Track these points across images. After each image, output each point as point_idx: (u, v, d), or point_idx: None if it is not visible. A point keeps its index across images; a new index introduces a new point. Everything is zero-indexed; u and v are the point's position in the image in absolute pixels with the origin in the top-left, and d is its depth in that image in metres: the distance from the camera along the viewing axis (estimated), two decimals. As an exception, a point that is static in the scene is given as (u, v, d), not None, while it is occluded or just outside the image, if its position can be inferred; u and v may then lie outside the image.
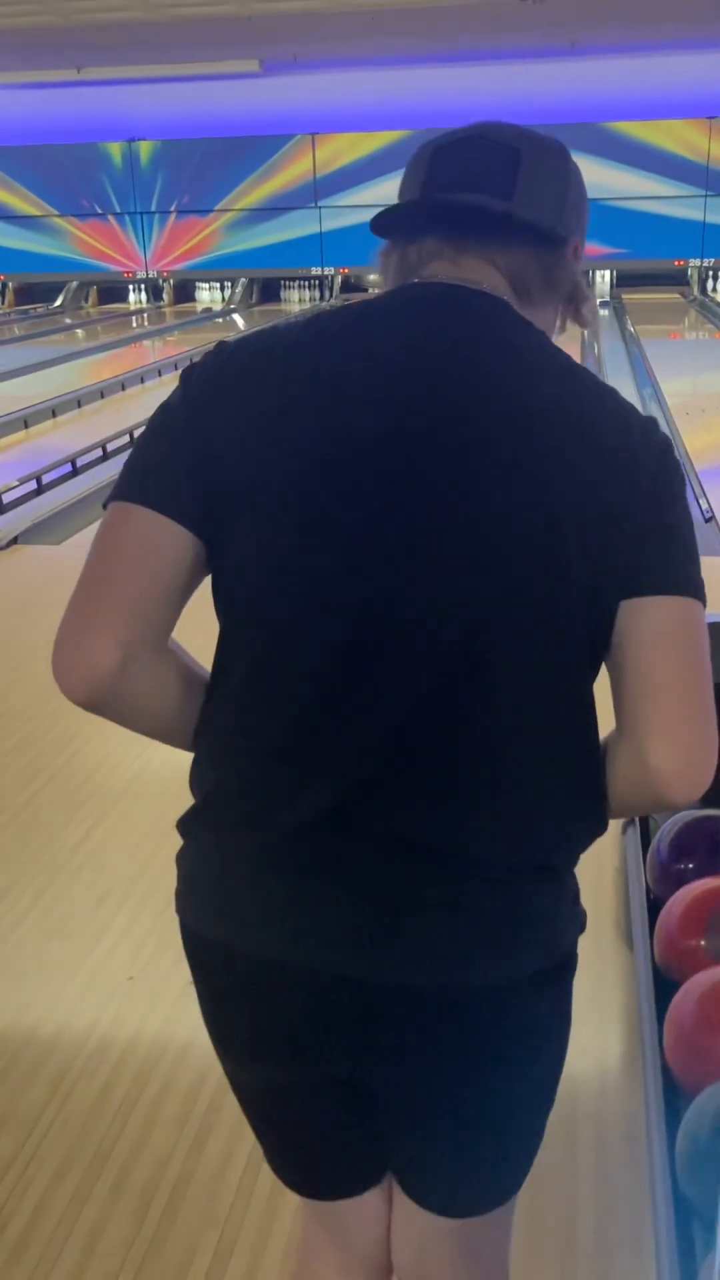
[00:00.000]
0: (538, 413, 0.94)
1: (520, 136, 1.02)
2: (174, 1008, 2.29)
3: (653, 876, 1.90)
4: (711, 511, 5.68)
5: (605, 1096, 2.03)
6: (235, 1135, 1.97)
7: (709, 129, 16.43)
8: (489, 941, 0.97)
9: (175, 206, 18.08)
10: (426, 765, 0.94)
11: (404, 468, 0.93)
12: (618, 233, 16.82)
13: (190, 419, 0.97)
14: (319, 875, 0.95)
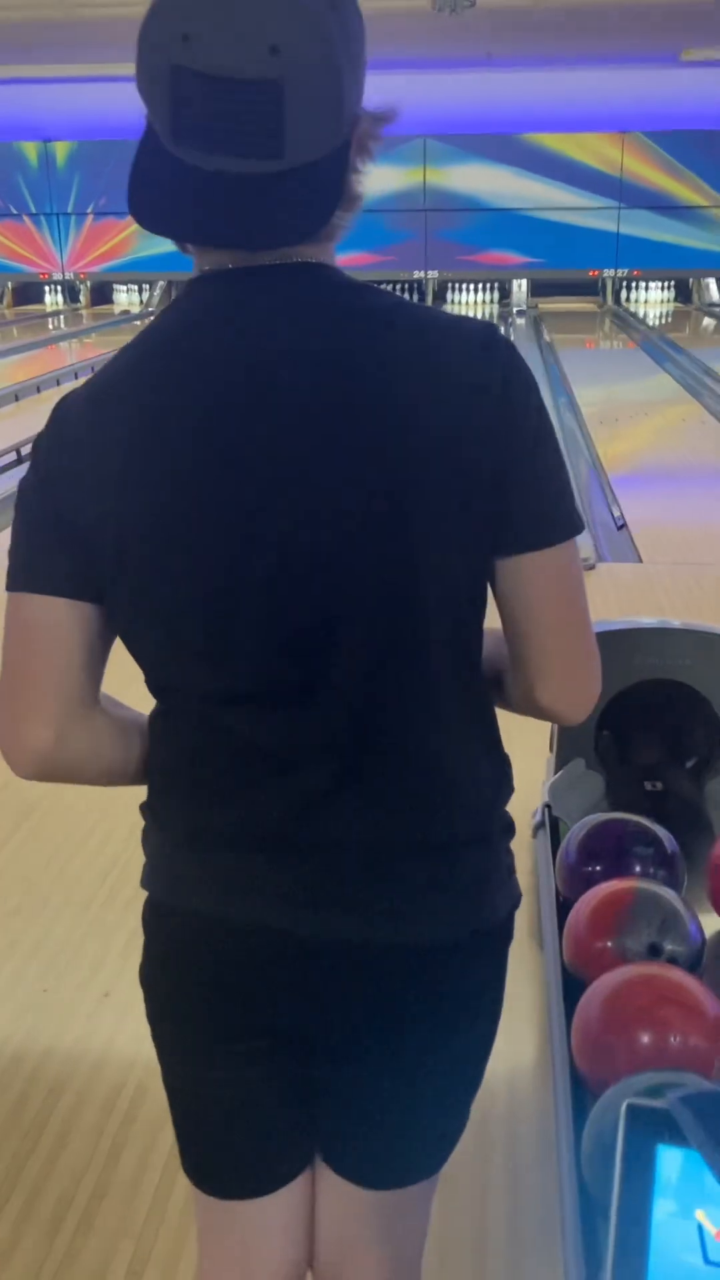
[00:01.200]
0: (367, 398, 0.93)
1: (274, 48, 0.85)
2: (90, 1019, 2.28)
3: (562, 879, 1.94)
4: (623, 519, 5.80)
5: (516, 1096, 2.07)
6: (150, 1146, 1.97)
7: (621, 143, 16.77)
8: (422, 904, 1.03)
9: (93, 208, 17.89)
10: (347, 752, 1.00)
11: (251, 480, 0.94)
12: (534, 242, 17.07)
13: (43, 499, 0.98)
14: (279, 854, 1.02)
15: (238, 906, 1.04)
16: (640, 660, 2.40)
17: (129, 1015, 2.28)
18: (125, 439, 0.95)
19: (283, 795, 1.01)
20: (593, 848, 1.96)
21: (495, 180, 16.87)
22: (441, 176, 16.95)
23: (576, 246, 17.10)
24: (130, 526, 0.95)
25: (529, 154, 16.79)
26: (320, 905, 1.02)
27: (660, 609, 4.43)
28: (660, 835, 1.96)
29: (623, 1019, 1.49)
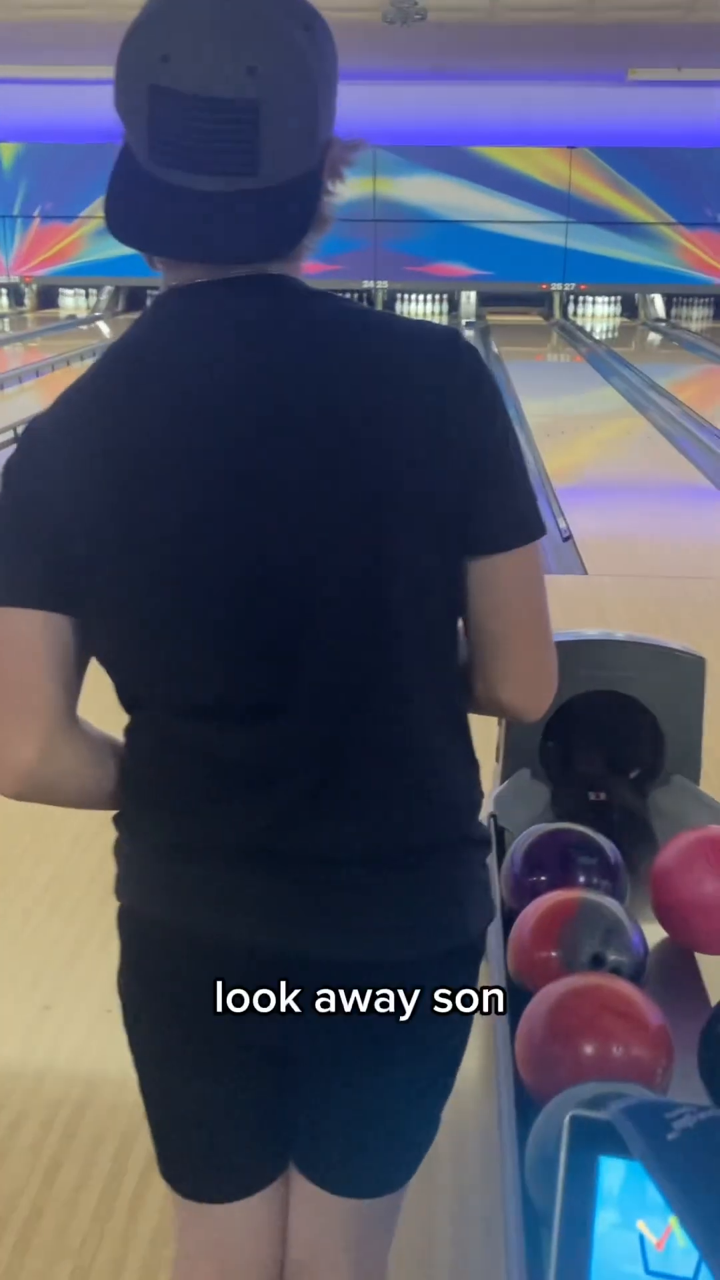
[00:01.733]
0: (335, 407, 0.95)
1: (251, 69, 0.87)
2: (29, 1034, 2.24)
3: (507, 889, 1.95)
4: (569, 530, 5.85)
5: (463, 1110, 2.05)
6: (90, 1162, 1.94)
7: (569, 158, 16.98)
8: (398, 921, 1.03)
9: (39, 211, 17.76)
10: (319, 765, 1.00)
11: (218, 493, 0.95)
12: (483, 255, 17.21)
13: (16, 520, 1.00)
14: (253, 867, 1.02)
15: (211, 919, 1.04)
16: (585, 672, 2.41)
17: (69, 1029, 2.25)
18: (95, 457, 0.97)
19: (255, 809, 1.01)
20: (537, 858, 1.96)
21: (444, 192, 17.00)
22: (391, 187, 17.03)
23: (524, 260, 17.27)
24: (99, 542, 0.96)
25: (478, 167, 16.95)
26: (293, 920, 1.02)
27: (605, 620, 4.47)
28: (604, 846, 1.98)
29: (566, 1030, 1.50)
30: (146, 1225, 1.83)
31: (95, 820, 3.00)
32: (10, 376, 11.25)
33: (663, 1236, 0.77)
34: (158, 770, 1.05)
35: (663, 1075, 1.49)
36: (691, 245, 17.17)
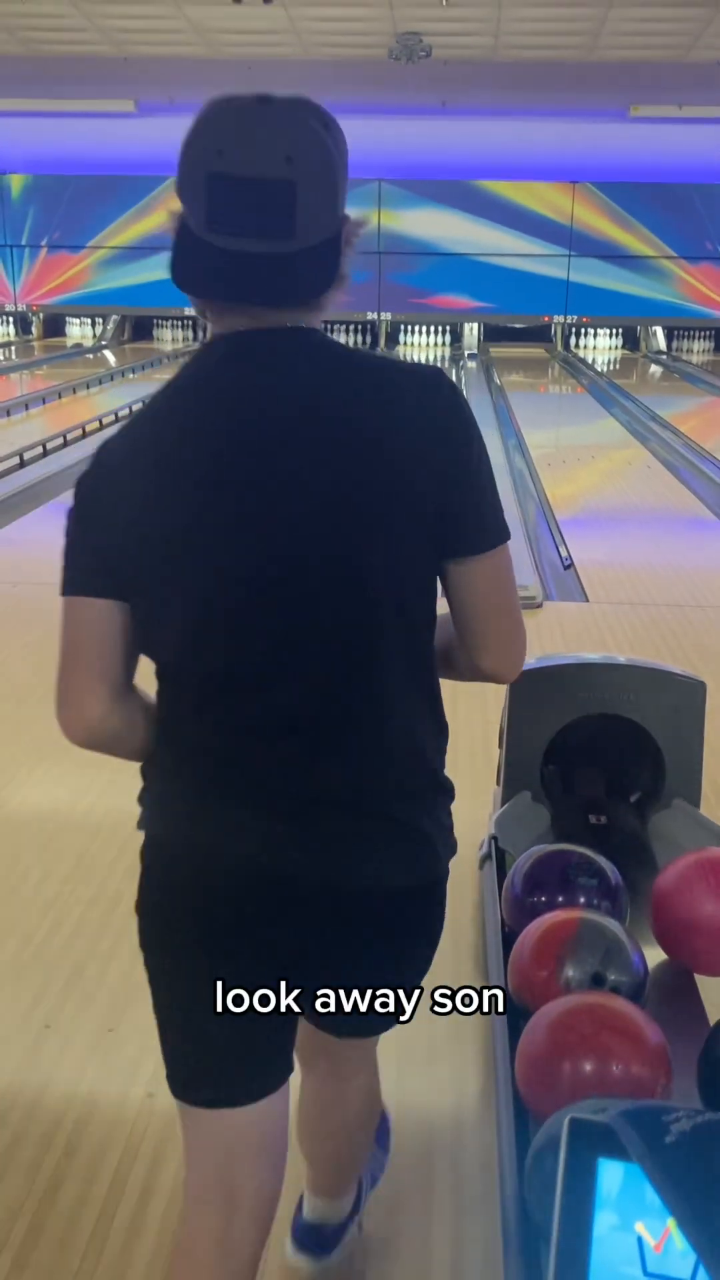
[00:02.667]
0: (347, 432, 1.17)
1: (289, 158, 1.12)
2: (29, 1053, 2.24)
3: (507, 909, 1.95)
4: (570, 559, 5.88)
5: (462, 1132, 2.07)
6: (90, 1180, 1.94)
7: (572, 192, 17.15)
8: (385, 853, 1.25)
9: (46, 241, 17.93)
10: (320, 723, 1.21)
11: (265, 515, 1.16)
12: (486, 287, 17.36)
13: (83, 526, 1.23)
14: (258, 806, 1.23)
15: (226, 846, 1.23)
16: (585, 695, 2.43)
17: (70, 1048, 2.25)
18: (150, 475, 1.19)
19: (260, 759, 1.22)
20: (538, 878, 1.97)
21: (448, 225, 17.16)
22: (395, 220, 17.19)
23: (527, 292, 17.42)
24: (150, 544, 1.19)
25: (481, 200, 17.12)
26: (288, 850, 1.22)
27: (605, 647, 4.49)
28: (604, 867, 1.99)
29: (566, 1047, 1.51)
30: (146, 1244, 1.82)
31: (98, 841, 3.01)
32: (17, 404, 11.32)
33: (661, 1238, 0.77)
34: (181, 727, 1.26)
35: (662, 1093, 1.50)
36: (692, 279, 17.31)
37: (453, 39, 12.15)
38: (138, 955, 2.52)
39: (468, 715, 3.82)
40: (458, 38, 12.15)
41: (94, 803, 3.26)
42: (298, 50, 12.87)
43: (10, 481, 7.67)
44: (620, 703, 2.45)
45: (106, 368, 14.92)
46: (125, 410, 10.74)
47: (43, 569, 6.19)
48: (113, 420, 10.33)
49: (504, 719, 2.53)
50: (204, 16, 11.53)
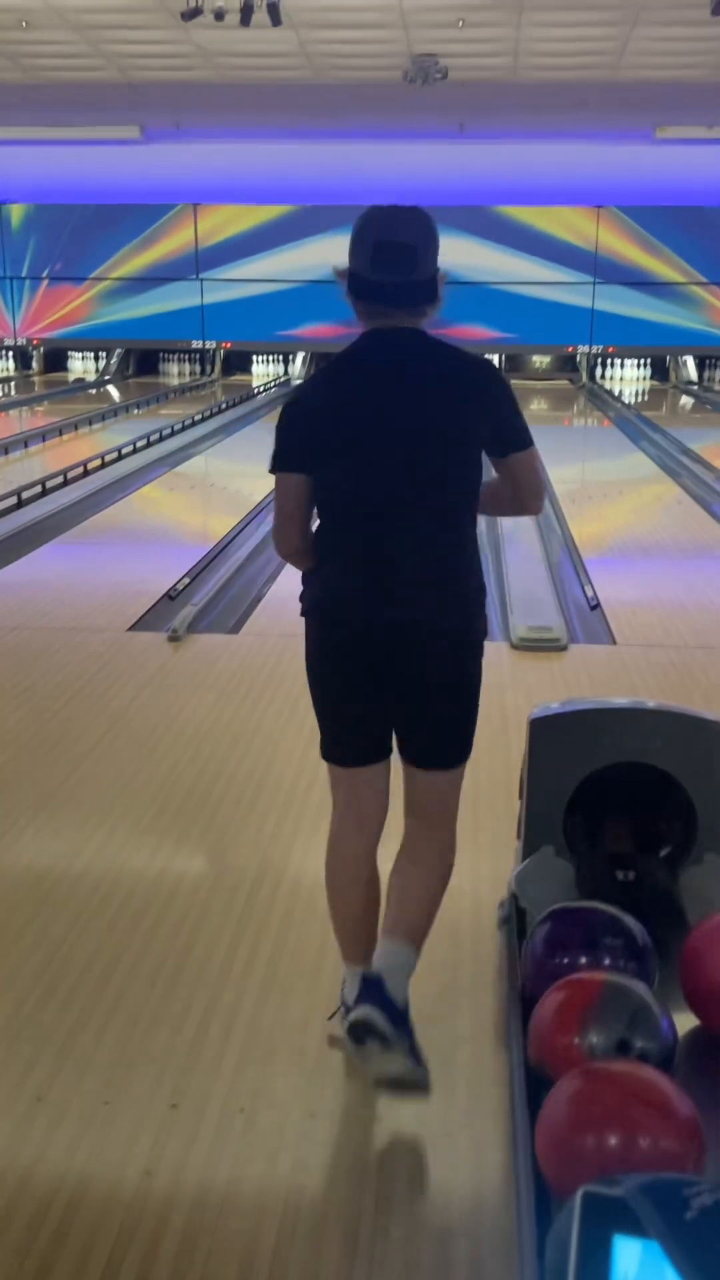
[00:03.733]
0: (434, 386, 2.25)
1: (414, 233, 2.24)
2: (19, 1127, 2.23)
3: (526, 972, 1.93)
4: (597, 599, 5.88)
5: (482, 1210, 2.03)
6: (80, 1267, 1.91)
7: (597, 217, 17.34)
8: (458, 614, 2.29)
9: (48, 273, 18.20)
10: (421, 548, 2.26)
11: (386, 429, 2.24)
12: (507, 317, 17.52)
13: (286, 431, 2.30)
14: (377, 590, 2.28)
15: (355, 607, 2.28)
16: (611, 742, 2.43)
17: (63, 1120, 2.24)
18: (327, 406, 2.29)
19: (381, 559, 2.26)
20: (560, 939, 1.96)
21: (467, 253, 17.35)
22: (411, 248, 17.39)
23: (550, 322, 17.57)
24: (326, 443, 2.27)
25: (501, 227, 17.32)
26: (397, 607, 2.25)
27: (634, 691, 4.48)
28: (631, 926, 1.97)
29: (589, 1120, 1.48)
30: (141, 1334, 1.80)
31: (94, 901, 3.01)
32: (16, 441, 11.45)
33: (683, 1324, 0.76)
34: (335, 544, 2.31)
35: (694, 1170, 1.47)
36: (724, 306, 17.42)
37: (470, 60, 12.35)
38: (133, 1024, 2.52)
39: (489, 767, 3.81)
40: (475, 59, 12.35)
41: (91, 860, 3.26)
42: (308, 74, 13.10)
43: (9, 522, 7.74)
44: (649, 751, 2.44)
45: (110, 403, 15.09)
46: (129, 447, 10.85)
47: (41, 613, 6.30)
48: (116, 457, 10.43)
49: (524, 768, 2.53)
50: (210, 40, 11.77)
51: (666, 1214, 0.75)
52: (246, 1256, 1.94)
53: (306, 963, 2.76)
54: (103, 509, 8.35)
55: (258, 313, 17.53)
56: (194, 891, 3.12)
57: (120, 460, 10.40)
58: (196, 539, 7.67)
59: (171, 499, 9.32)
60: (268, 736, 4.14)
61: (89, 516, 8.07)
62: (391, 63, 12.51)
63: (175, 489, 9.58)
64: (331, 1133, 2.22)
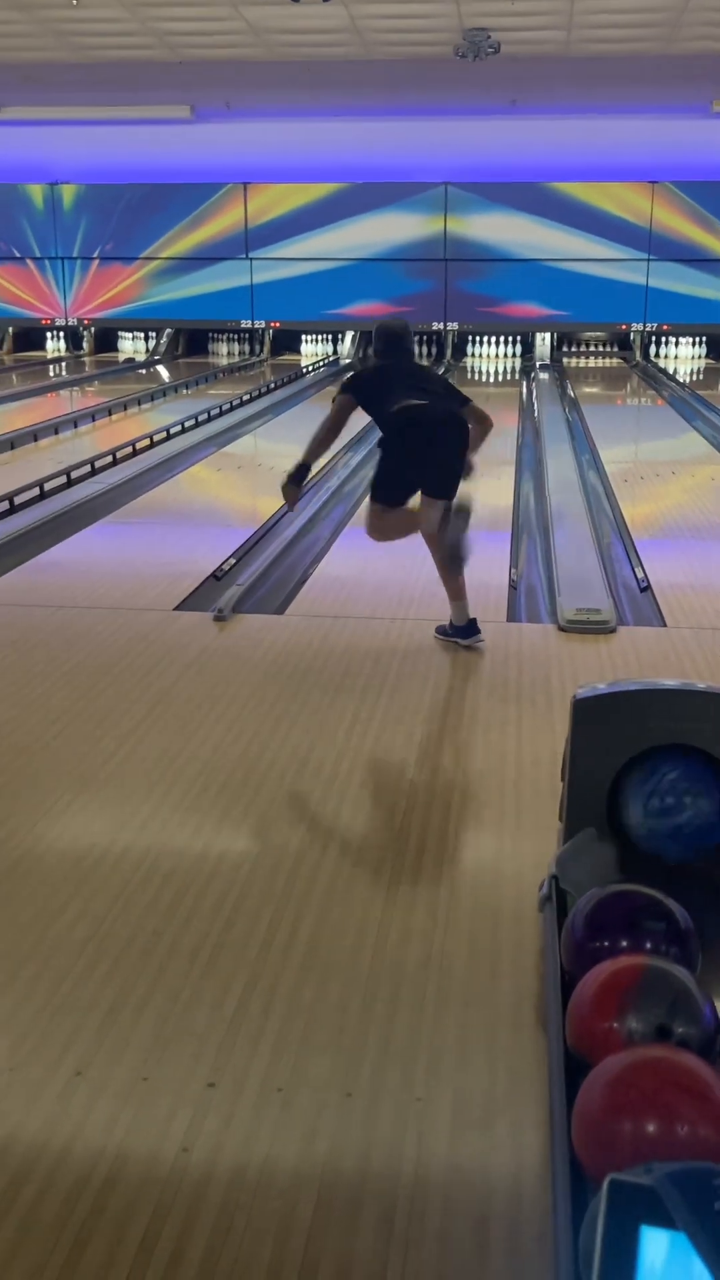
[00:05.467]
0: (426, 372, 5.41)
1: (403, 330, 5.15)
2: (58, 1101, 2.24)
3: (567, 954, 1.91)
4: (647, 581, 5.81)
5: (519, 1194, 2.02)
6: (117, 1240, 1.93)
7: (651, 193, 17.09)
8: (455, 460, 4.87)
9: (99, 253, 18.27)
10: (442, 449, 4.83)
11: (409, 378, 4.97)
12: (558, 294, 17.34)
13: (352, 391, 4.92)
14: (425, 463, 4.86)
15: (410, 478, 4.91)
16: (656, 725, 2.39)
17: (102, 1095, 2.25)
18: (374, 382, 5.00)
19: (427, 453, 4.79)
20: (600, 921, 1.93)
21: (519, 230, 17.19)
22: (463, 225, 17.27)
23: (603, 299, 17.36)
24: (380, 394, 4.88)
25: (554, 203, 17.12)
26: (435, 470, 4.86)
27: (684, 675, 4.42)
28: (674, 910, 1.94)
29: (626, 1106, 1.46)
30: (176, 1309, 1.80)
31: (136, 878, 3.01)
32: (66, 421, 11.52)
33: (711, 1317, 0.74)
34: (395, 444, 4.85)
35: (733, 1159, 1.45)
36: (782, 282, 17.12)
37: (523, 34, 12.20)
38: (173, 1002, 2.53)
39: (534, 749, 3.79)
40: (528, 32, 12.19)
41: (133, 838, 3.27)
42: (359, 50, 13.01)
43: (58, 501, 7.79)
44: (695, 733, 2.40)
45: (159, 383, 15.14)
46: (178, 428, 10.88)
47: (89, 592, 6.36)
48: (164, 437, 10.46)
49: (567, 750, 2.50)
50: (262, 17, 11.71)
51: (695, 1204, 0.73)
52: (282, 1235, 1.94)
53: (346, 943, 2.76)
54: (151, 489, 8.38)
55: (306, 292, 17.49)
56: (235, 870, 3.12)
57: (169, 440, 10.43)
58: (243, 519, 7.67)
59: (219, 479, 9.33)
60: (311, 717, 4.13)
61: (137, 496, 8.11)
62: (443, 38, 12.38)
63: (223, 469, 9.59)
64: (368, 1113, 2.21)
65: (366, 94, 14.67)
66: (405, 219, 17.35)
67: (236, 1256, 1.90)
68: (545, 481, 8.35)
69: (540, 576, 6.05)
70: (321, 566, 6.10)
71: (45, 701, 4.27)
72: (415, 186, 17.21)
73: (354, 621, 5.14)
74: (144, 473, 8.90)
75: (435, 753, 3.81)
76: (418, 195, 17.28)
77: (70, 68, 13.84)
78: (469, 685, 4.42)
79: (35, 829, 3.31)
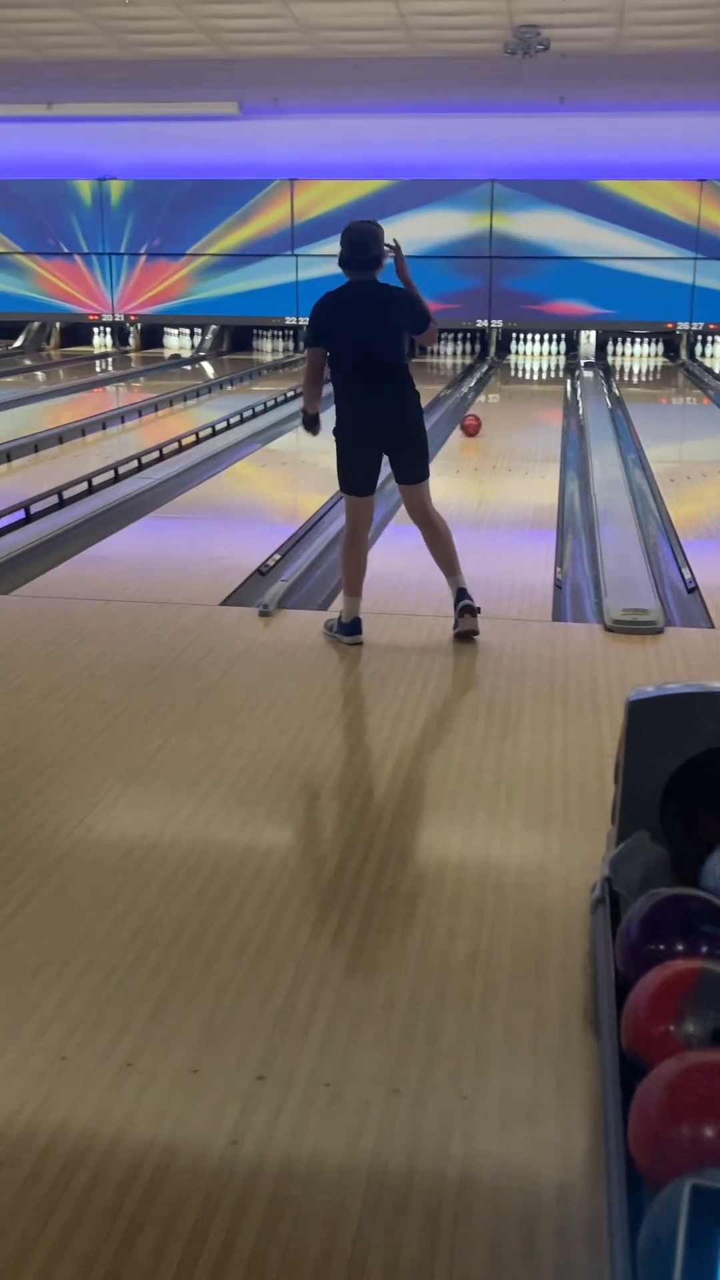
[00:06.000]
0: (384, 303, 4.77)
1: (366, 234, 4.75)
2: (109, 1091, 2.26)
3: (621, 957, 1.90)
4: (694, 582, 5.77)
5: (567, 1195, 2.02)
6: (168, 1230, 1.94)
7: (699, 192, 16.93)
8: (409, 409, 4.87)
9: (146, 249, 18.34)
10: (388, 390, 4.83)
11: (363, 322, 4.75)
12: (604, 293, 17.22)
13: (317, 318, 4.83)
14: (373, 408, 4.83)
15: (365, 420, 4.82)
16: (710, 726, 2.37)
17: (152, 1086, 2.26)
18: (331, 310, 4.79)
19: (371, 395, 4.78)
20: (656, 924, 1.92)
21: (565, 228, 17.09)
22: (508, 223, 17.20)
23: (649, 298, 17.22)
24: (335, 331, 4.78)
25: (601, 201, 17.01)
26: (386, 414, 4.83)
27: (733, 677, 4.38)
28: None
29: (684, 1109, 1.45)
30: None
31: (184, 870, 3.03)
32: (113, 415, 11.59)
33: None
34: (346, 392, 4.81)
35: None
36: None
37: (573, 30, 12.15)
38: (221, 994, 2.54)
39: (580, 750, 3.77)
40: (578, 29, 12.13)
41: (181, 830, 3.29)
42: (408, 47, 13.00)
43: (104, 496, 7.84)
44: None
45: (204, 379, 15.19)
46: (223, 424, 10.92)
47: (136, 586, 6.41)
48: (210, 434, 10.50)
49: (620, 751, 2.49)
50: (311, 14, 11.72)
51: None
52: (330, 1229, 1.95)
53: (392, 940, 2.76)
54: (196, 485, 8.41)
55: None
56: (282, 864, 3.13)
57: (214, 436, 10.46)
58: (287, 516, 7.69)
59: (263, 475, 9.35)
60: (355, 713, 4.14)
61: (183, 492, 8.14)
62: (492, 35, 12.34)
63: (267, 465, 9.61)
64: (415, 1110, 2.21)
65: (414, 90, 14.65)
66: (451, 216, 17.30)
67: (285, 1249, 1.91)
68: (590, 480, 8.31)
69: (586, 576, 6.02)
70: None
71: (95, 694, 4.30)
72: (461, 184, 17.16)
73: (397, 618, 5.14)
74: (189, 469, 8.93)
75: (480, 751, 3.80)
76: (464, 192, 17.23)
77: (120, 64, 13.92)
78: (514, 684, 4.40)
79: (86, 819, 3.33)
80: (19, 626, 5.11)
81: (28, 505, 7.28)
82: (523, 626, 5.08)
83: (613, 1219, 1.50)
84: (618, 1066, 1.69)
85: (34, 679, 4.45)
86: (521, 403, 13.89)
